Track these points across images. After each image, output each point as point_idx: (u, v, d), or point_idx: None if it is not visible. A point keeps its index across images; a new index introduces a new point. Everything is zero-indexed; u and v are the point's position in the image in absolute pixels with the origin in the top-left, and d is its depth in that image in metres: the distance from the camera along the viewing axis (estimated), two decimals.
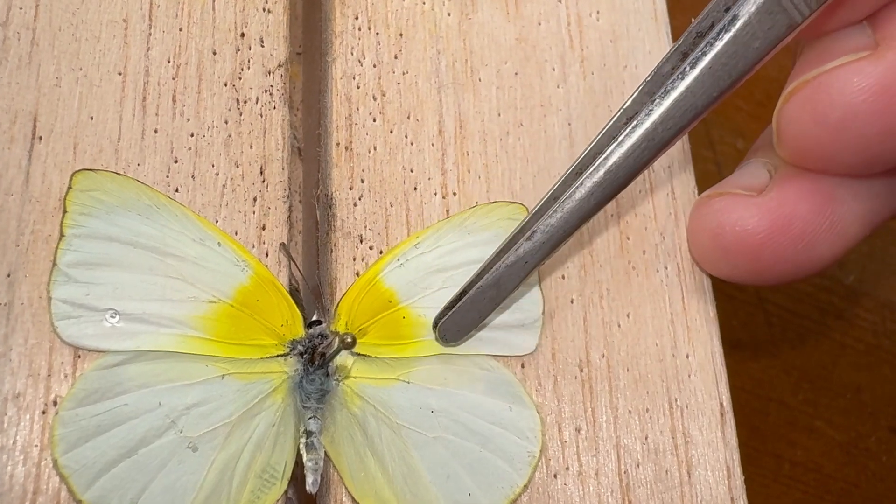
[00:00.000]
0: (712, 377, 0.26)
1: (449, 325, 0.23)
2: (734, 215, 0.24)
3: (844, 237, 0.24)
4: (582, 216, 0.23)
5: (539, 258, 0.23)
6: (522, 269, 0.23)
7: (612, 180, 0.22)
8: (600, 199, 0.23)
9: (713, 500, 0.25)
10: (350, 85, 0.26)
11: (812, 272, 0.24)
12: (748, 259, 0.24)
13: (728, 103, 0.50)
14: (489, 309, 0.23)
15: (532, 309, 0.25)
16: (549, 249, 0.23)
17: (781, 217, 0.24)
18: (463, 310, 0.23)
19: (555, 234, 0.23)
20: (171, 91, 0.24)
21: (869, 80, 0.21)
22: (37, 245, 0.21)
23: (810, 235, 0.24)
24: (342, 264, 0.24)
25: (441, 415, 0.23)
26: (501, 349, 0.24)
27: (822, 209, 0.24)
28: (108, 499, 0.20)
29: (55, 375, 0.21)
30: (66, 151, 0.23)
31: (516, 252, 0.23)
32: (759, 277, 0.25)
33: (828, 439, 0.43)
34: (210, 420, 0.21)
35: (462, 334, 0.23)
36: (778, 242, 0.24)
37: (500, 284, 0.23)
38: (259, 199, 0.24)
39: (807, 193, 0.24)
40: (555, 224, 0.23)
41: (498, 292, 0.23)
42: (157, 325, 0.22)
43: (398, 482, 0.22)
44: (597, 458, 0.24)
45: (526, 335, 0.25)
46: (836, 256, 0.24)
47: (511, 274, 0.23)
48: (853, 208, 0.24)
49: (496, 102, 0.27)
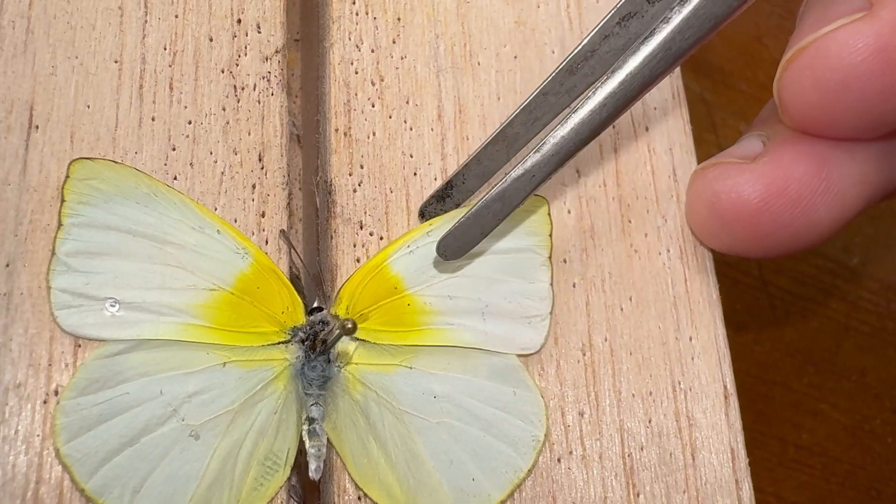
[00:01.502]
0: (716, 359, 0.26)
1: (450, 240, 0.22)
2: (729, 182, 0.24)
3: (842, 201, 0.24)
4: (594, 128, 0.21)
5: (547, 172, 0.22)
6: (529, 182, 0.22)
7: (626, 91, 0.21)
8: (612, 110, 0.21)
9: (717, 483, 0.25)
10: (348, 70, 0.26)
11: (812, 241, 0.24)
12: (746, 226, 0.24)
13: (731, 86, 0.50)
14: (492, 225, 0.22)
15: (540, 306, 0.24)
16: (557, 163, 0.22)
17: (776, 180, 0.23)
18: (466, 225, 0.22)
19: (564, 147, 0.21)
20: (168, 78, 0.24)
21: (866, 40, 0.21)
22: (35, 234, 0.21)
23: (807, 198, 0.23)
24: (342, 251, 0.24)
25: (444, 400, 0.23)
26: (506, 346, 0.24)
27: (818, 171, 0.23)
28: (111, 487, 0.20)
29: (56, 365, 0.21)
30: (63, 140, 0.22)
31: (524, 165, 0.22)
32: (758, 247, 0.25)
33: (833, 422, 0.43)
34: (212, 408, 0.21)
35: (463, 251, 0.22)
36: (774, 207, 0.24)
37: (506, 198, 0.22)
38: (258, 186, 0.24)
39: (801, 156, 0.24)
40: (565, 136, 0.21)
41: (503, 207, 0.22)
42: (158, 314, 0.21)
43: (401, 468, 0.22)
44: (600, 441, 0.24)
45: (532, 333, 0.24)
46: (836, 223, 0.24)
47: (517, 187, 0.22)
48: (850, 171, 0.24)
49: (496, 86, 0.27)
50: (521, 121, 0.23)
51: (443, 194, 0.24)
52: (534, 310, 0.24)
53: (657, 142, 0.28)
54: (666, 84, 0.29)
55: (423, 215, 0.25)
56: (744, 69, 0.48)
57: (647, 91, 0.21)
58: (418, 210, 0.25)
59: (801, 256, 0.45)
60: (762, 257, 0.25)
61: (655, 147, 0.28)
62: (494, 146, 0.24)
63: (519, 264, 0.24)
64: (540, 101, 0.23)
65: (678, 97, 0.29)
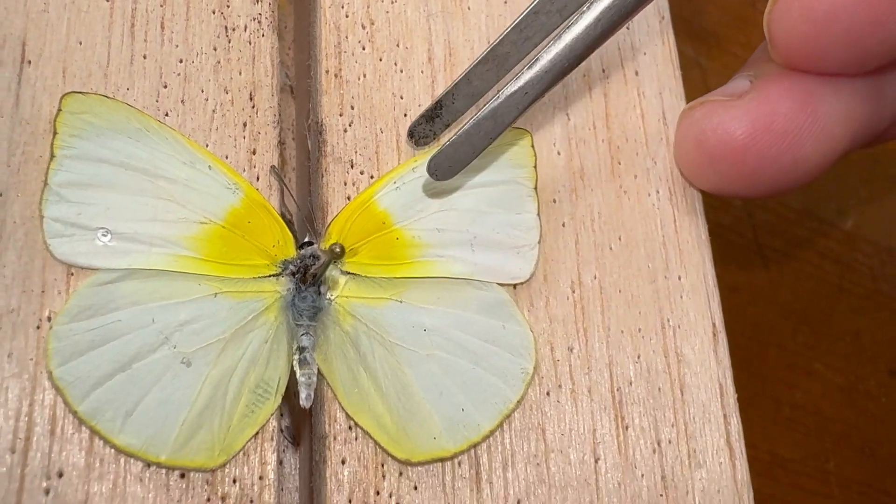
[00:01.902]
0: (704, 298, 0.26)
1: (441, 159, 0.22)
2: (715, 119, 0.24)
3: (829, 137, 0.24)
4: (588, 44, 0.21)
5: (540, 89, 0.21)
6: (522, 99, 0.21)
7: (621, 5, 0.21)
8: (607, 25, 0.21)
9: (706, 418, 0.25)
10: (339, 14, 0.26)
11: (799, 180, 0.24)
12: (733, 163, 0.24)
13: (725, 51, 0.50)
14: (484, 144, 0.22)
15: (528, 236, 0.25)
16: (551, 80, 0.21)
17: (762, 115, 0.24)
18: (457, 144, 0.22)
19: (559, 63, 0.21)
20: (160, 18, 0.24)
21: None
22: (28, 165, 0.22)
23: (794, 133, 0.24)
24: (333, 188, 0.24)
25: (434, 333, 0.23)
26: (496, 276, 0.24)
27: (804, 106, 0.24)
28: (103, 411, 0.20)
29: (48, 292, 0.21)
30: (56, 75, 0.23)
31: (517, 82, 0.21)
32: (746, 186, 0.25)
33: (827, 382, 0.43)
34: (203, 336, 0.22)
35: (454, 171, 0.22)
36: (761, 142, 0.24)
37: (498, 116, 0.22)
38: (249, 125, 0.24)
39: (787, 91, 0.24)
40: (560, 52, 0.21)
41: (494, 125, 0.22)
42: (149, 245, 0.22)
43: (391, 398, 0.23)
44: (589, 376, 0.25)
45: (521, 262, 0.25)
46: (823, 161, 0.24)
47: (510, 105, 0.21)
48: (836, 107, 0.24)
49: (485, 31, 0.27)
50: (511, 39, 0.23)
51: (432, 114, 0.24)
52: (522, 240, 0.24)
53: (647, 86, 0.28)
54: (656, 29, 0.29)
55: (412, 135, 0.25)
56: (737, 34, 0.48)
57: (644, 5, 0.21)
58: (407, 130, 0.25)
59: (795, 218, 0.45)
60: (750, 197, 0.25)
61: (645, 91, 0.28)
62: (484, 66, 0.23)
63: (505, 196, 0.24)
64: (531, 20, 0.23)
65: (668, 42, 0.29)
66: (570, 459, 0.24)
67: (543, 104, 0.27)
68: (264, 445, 0.22)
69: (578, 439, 0.24)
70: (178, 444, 0.21)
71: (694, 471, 0.24)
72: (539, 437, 0.23)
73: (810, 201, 0.45)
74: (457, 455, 0.23)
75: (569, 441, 0.24)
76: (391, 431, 0.22)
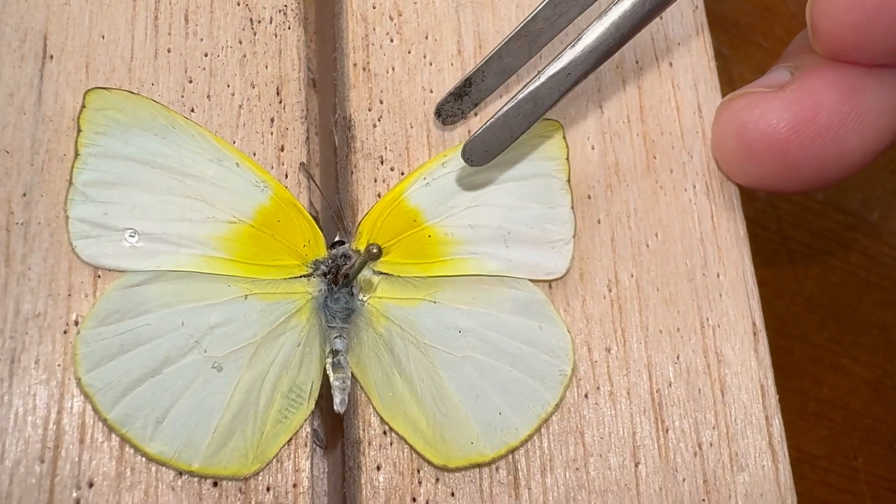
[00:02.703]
0: (744, 296, 0.26)
1: (477, 144, 0.21)
2: (757, 111, 0.24)
3: (873, 130, 0.23)
4: (636, 22, 0.20)
5: (584, 70, 0.20)
6: (564, 81, 0.20)
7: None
8: (655, 3, 0.20)
9: (747, 420, 0.24)
10: (366, 5, 0.25)
11: (841, 173, 0.24)
12: (775, 157, 0.24)
13: (748, 40, 0.49)
14: (523, 127, 0.21)
15: (563, 230, 0.24)
16: (595, 60, 0.20)
17: (806, 108, 0.23)
18: (494, 127, 0.21)
19: (604, 42, 0.20)
20: (184, 10, 0.24)
21: None
22: (52, 164, 0.21)
23: (837, 126, 0.23)
24: (363, 185, 0.24)
25: (469, 334, 0.23)
26: (531, 272, 0.24)
27: (848, 98, 0.23)
28: (134, 417, 0.20)
29: (75, 295, 0.20)
30: (79, 70, 0.22)
31: (559, 62, 0.20)
32: (787, 180, 0.24)
33: (854, 376, 0.42)
34: (234, 340, 0.21)
35: (490, 156, 0.21)
36: (804, 136, 0.23)
37: (538, 99, 0.20)
38: (276, 120, 0.24)
39: (831, 83, 0.23)
40: (606, 30, 0.20)
41: (534, 108, 0.20)
42: (178, 245, 0.21)
43: (427, 402, 0.22)
44: (628, 377, 0.24)
45: (556, 257, 0.24)
46: (867, 154, 0.23)
47: (551, 86, 0.20)
48: (881, 99, 0.23)
49: (515, 21, 0.27)
50: (544, 15, 0.22)
51: (461, 92, 0.24)
52: (556, 234, 0.24)
53: (682, 77, 0.27)
54: (690, 20, 0.28)
55: (439, 114, 0.24)
56: (760, 23, 0.47)
57: None
58: (434, 109, 0.24)
59: (820, 210, 0.44)
60: (790, 191, 0.24)
61: (680, 83, 0.27)
62: (517, 42, 0.22)
63: (538, 190, 0.24)
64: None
65: (703, 33, 0.28)
66: (609, 464, 0.23)
67: (576, 96, 0.26)
68: (298, 452, 0.21)
69: (618, 443, 0.23)
70: (211, 452, 0.20)
71: (736, 474, 0.24)
72: (578, 441, 0.23)
73: (835, 193, 0.45)
74: (495, 460, 0.22)
75: (608, 445, 0.23)
76: (427, 436, 0.22)
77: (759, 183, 0.25)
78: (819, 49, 0.23)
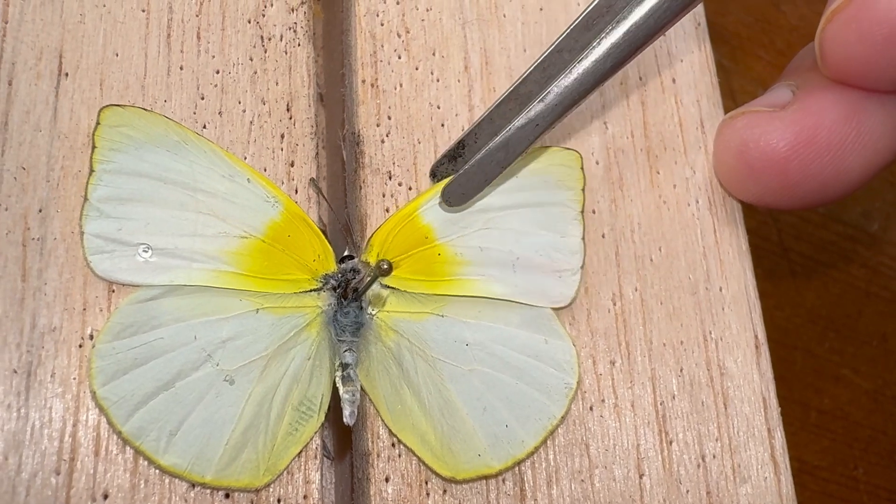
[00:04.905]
0: (746, 310, 0.26)
1: (454, 187, 0.23)
2: (758, 130, 0.24)
3: (873, 151, 0.23)
4: (597, 78, 0.22)
5: (550, 121, 0.22)
6: (533, 131, 0.22)
7: (630, 41, 0.21)
8: (616, 60, 0.22)
9: (750, 432, 0.25)
10: (374, 22, 0.26)
11: (841, 192, 0.24)
12: (775, 176, 0.24)
13: (748, 52, 0.50)
14: (496, 172, 0.22)
15: (571, 260, 0.24)
16: (560, 112, 0.22)
17: (806, 128, 0.23)
18: (469, 173, 0.22)
19: (568, 97, 0.22)
20: (196, 28, 0.24)
21: None
22: (67, 181, 0.21)
23: (837, 147, 0.23)
24: (371, 201, 0.24)
25: (476, 348, 0.23)
26: (535, 299, 0.24)
27: (849, 119, 0.23)
28: (148, 430, 0.20)
29: (90, 309, 0.21)
30: (93, 88, 0.22)
31: (528, 114, 0.22)
32: (788, 197, 0.24)
33: (855, 387, 0.42)
34: (246, 353, 0.21)
35: (466, 198, 0.23)
36: (804, 155, 0.23)
37: (510, 147, 0.22)
38: (287, 136, 0.24)
39: (832, 104, 0.23)
40: (569, 86, 0.22)
41: (506, 155, 0.22)
42: (190, 260, 0.21)
43: (435, 414, 0.22)
44: (632, 390, 0.24)
45: (562, 286, 0.24)
46: (865, 174, 0.24)
47: (521, 136, 0.22)
48: (881, 121, 0.23)
49: (521, 38, 0.27)
50: (534, 78, 0.23)
51: (455, 154, 0.24)
52: (565, 263, 0.24)
53: (684, 94, 0.28)
54: (693, 36, 0.29)
55: (434, 175, 0.24)
56: (761, 35, 0.48)
57: (651, 42, 0.21)
58: (429, 170, 0.24)
59: (820, 222, 0.44)
60: (790, 208, 0.24)
61: (683, 99, 0.28)
62: (507, 104, 0.23)
63: (551, 218, 0.24)
64: (555, 59, 0.23)
65: (705, 49, 0.29)
66: (614, 475, 0.23)
67: (581, 113, 0.27)
68: (308, 464, 0.21)
69: (622, 455, 0.23)
70: (223, 464, 0.20)
71: (739, 486, 0.24)
72: (583, 453, 0.23)
73: (836, 205, 0.45)
74: (501, 472, 0.22)
75: (613, 456, 0.23)
76: (435, 448, 0.22)
77: (760, 200, 0.26)
78: (826, 74, 0.24)
